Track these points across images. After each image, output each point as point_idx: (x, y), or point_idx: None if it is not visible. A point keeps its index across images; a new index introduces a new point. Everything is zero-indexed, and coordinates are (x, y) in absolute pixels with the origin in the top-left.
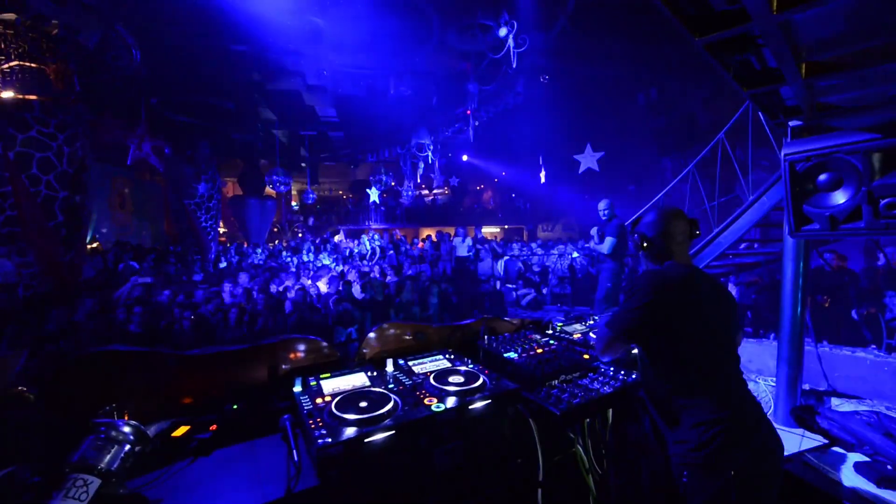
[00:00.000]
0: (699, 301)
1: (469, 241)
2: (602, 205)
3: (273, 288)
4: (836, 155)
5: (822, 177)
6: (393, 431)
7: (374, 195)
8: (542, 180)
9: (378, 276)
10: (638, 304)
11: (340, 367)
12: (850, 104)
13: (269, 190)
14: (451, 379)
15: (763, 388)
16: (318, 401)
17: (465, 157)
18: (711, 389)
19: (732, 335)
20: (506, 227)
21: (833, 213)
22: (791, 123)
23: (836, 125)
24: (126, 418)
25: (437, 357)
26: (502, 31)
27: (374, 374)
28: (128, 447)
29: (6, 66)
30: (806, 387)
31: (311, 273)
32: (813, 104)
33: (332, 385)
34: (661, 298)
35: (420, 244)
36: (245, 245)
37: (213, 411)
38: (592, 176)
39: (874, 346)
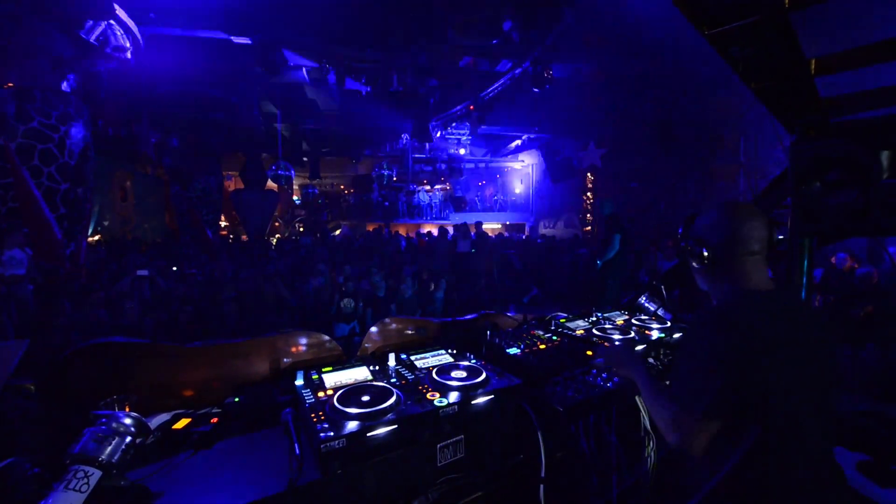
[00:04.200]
0: (803, 350)
1: (470, 236)
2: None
3: None
4: (843, 153)
5: (829, 175)
6: (395, 426)
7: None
8: (545, 176)
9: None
10: (722, 364)
11: (342, 362)
12: (860, 101)
13: (270, 184)
14: (453, 374)
15: None
16: (320, 394)
17: (467, 152)
18: (799, 473)
19: (833, 393)
20: (507, 222)
21: (839, 213)
22: (798, 120)
23: (845, 122)
24: (127, 410)
25: (440, 352)
26: (506, 26)
27: (376, 368)
28: (129, 439)
29: (7, 55)
30: None
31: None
32: (821, 101)
33: (334, 379)
34: (755, 351)
35: (422, 240)
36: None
37: (215, 404)
38: (595, 172)
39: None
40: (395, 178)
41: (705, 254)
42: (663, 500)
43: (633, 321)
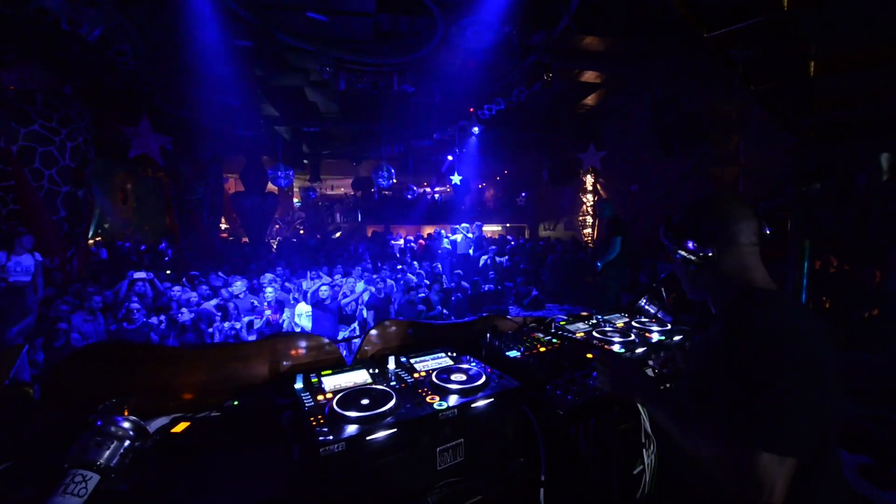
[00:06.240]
0: (830, 357)
1: (470, 237)
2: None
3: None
4: (844, 154)
5: (830, 176)
6: (395, 429)
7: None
8: (545, 179)
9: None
10: (791, 379)
11: (342, 365)
12: (860, 102)
13: (270, 186)
14: (453, 377)
15: None
16: (320, 398)
17: (467, 155)
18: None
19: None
20: (507, 224)
21: (841, 213)
22: (798, 122)
23: (845, 125)
24: (126, 414)
25: (439, 355)
26: (506, 29)
27: (376, 371)
28: (127, 443)
29: (9, 59)
30: None
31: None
32: (821, 102)
33: (334, 382)
34: (812, 360)
35: (421, 242)
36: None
37: (214, 407)
38: (595, 175)
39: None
40: (395, 181)
41: (704, 253)
42: (664, 503)
43: (634, 324)
